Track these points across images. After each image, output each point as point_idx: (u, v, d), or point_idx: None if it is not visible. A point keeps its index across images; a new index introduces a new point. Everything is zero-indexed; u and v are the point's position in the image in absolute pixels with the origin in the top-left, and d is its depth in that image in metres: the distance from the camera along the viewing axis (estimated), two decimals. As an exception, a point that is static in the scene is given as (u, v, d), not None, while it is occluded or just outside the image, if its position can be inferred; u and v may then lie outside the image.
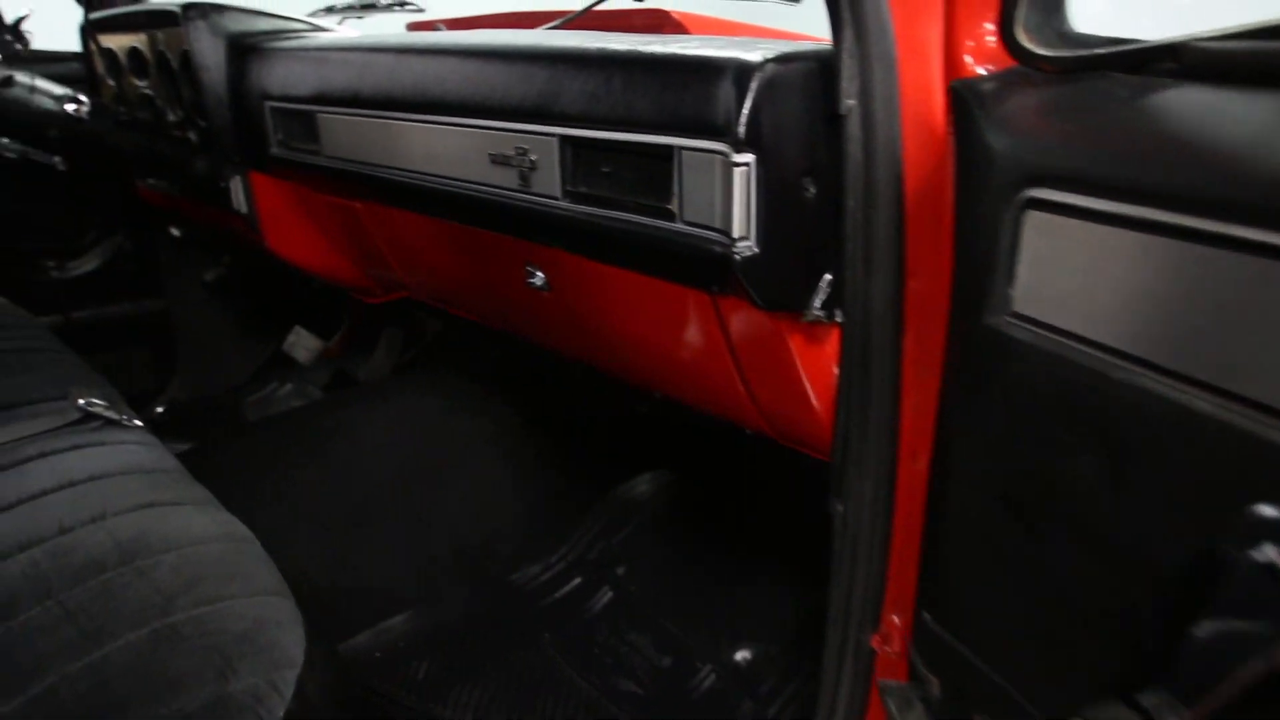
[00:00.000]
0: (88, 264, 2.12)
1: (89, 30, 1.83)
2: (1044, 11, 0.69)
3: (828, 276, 0.83)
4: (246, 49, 1.47)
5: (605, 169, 0.91)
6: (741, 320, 0.91)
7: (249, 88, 1.46)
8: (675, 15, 1.46)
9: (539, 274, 1.15)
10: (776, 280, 0.82)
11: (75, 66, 1.95)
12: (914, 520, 0.87)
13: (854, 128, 0.78)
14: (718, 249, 0.81)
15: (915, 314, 0.84)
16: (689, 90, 0.80)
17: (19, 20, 1.95)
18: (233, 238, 1.80)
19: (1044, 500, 0.66)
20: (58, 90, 1.59)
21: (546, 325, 1.33)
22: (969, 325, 0.69)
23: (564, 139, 0.94)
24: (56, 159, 1.68)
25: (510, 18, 1.62)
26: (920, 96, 0.79)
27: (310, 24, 1.57)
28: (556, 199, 0.97)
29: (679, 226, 0.85)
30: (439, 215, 1.23)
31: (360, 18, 1.80)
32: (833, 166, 0.80)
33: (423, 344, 2.22)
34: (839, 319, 0.84)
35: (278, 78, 1.40)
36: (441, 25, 1.67)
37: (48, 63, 1.96)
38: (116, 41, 1.74)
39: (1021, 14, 0.68)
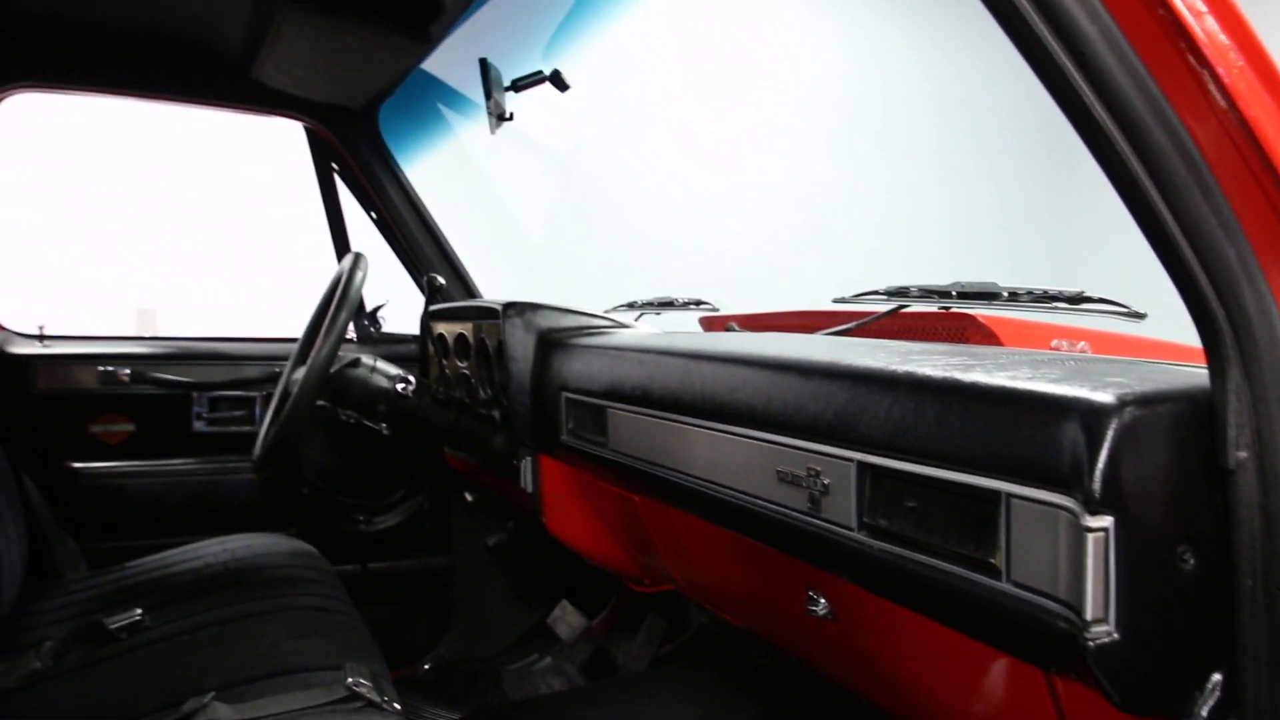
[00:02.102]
0: (391, 520, 2.31)
1: (427, 319, 2.10)
2: None
3: (1218, 676, 0.63)
4: (552, 343, 1.57)
5: (910, 504, 0.80)
6: (1090, 714, 0.71)
7: (549, 378, 1.54)
8: (981, 319, 1.37)
9: (823, 601, 1.02)
10: (1144, 676, 0.63)
11: (412, 347, 2.24)
12: None
13: (1247, 486, 0.62)
14: (1061, 626, 0.64)
15: (1358, 744, 0.61)
16: (1021, 430, 0.68)
17: (376, 309, 2.30)
18: (518, 506, 1.86)
19: None
20: (392, 371, 1.79)
21: (826, 655, 1.17)
22: None
23: (863, 465, 0.84)
24: (383, 425, 1.86)
25: (805, 316, 1.61)
26: (1346, 454, 0.61)
27: (611, 320, 1.67)
28: (850, 529, 0.86)
29: (1005, 587, 0.69)
30: (718, 523, 1.16)
31: (658, 314, 1.91)
32: (1220, 533, 0.63)
33: (686, 637, 2.10)
34: (1236, 734, 0.63)
35: (575, 371, 1.47)
36: (735, 324, 1.70)
37: (391, 344, 2.27)
38: (448, 329, 1.97)
39: None
